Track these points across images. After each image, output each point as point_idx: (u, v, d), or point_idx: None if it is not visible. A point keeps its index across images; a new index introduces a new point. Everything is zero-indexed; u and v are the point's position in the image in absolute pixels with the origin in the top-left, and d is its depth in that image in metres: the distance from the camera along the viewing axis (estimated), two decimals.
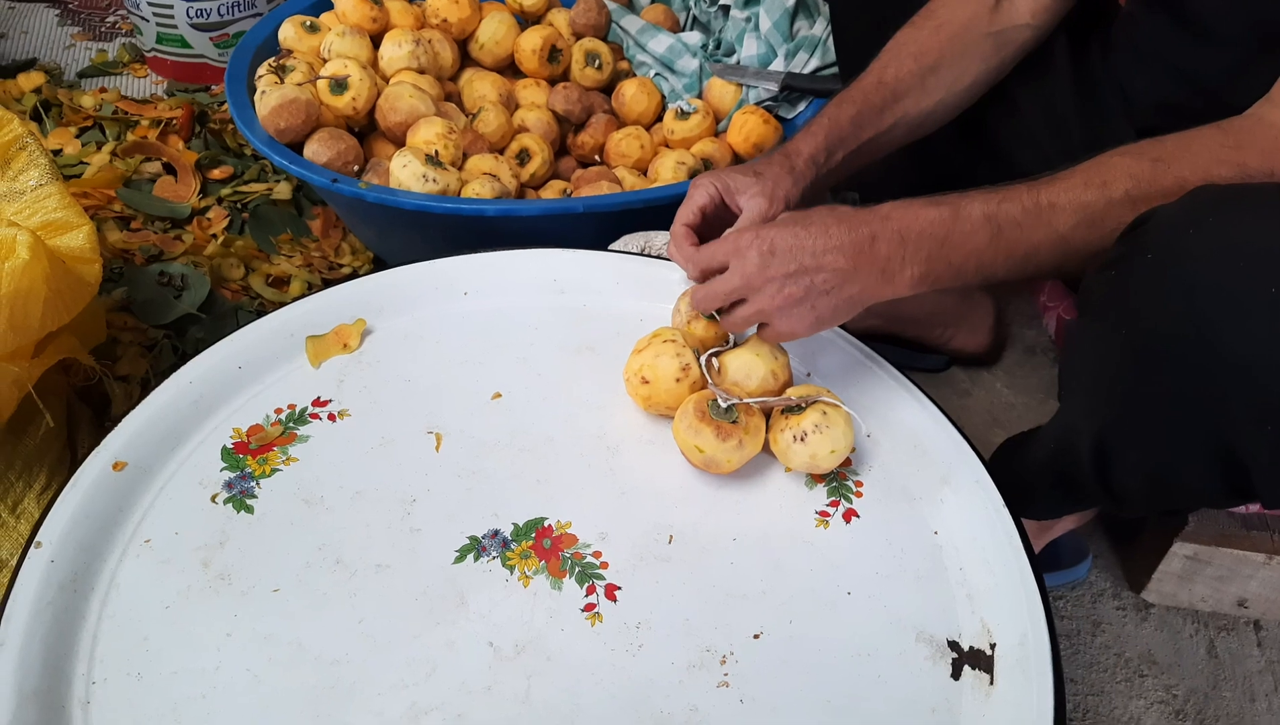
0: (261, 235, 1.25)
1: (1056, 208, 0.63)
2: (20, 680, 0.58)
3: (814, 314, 0.69)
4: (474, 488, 0.74)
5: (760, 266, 0.68)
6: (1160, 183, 0.61)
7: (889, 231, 0.66)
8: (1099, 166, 0.63)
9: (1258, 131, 0.62)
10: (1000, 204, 0.64)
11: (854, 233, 0.66)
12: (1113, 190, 0.62)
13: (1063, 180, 0.64)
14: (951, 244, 0.65)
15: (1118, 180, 0.62)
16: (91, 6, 1.85)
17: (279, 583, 0.67)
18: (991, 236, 0.64)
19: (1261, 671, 0.93)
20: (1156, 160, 0.62)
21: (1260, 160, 0.60)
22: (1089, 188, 0.63)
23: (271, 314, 0.84)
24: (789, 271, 0.67)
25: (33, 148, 0.84)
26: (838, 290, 0.68)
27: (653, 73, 1.35)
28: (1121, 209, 0.62)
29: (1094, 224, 0.62)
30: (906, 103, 0.85)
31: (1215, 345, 0.54)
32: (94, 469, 0.70)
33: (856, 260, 0.67)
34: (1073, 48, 0.90)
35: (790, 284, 0.67)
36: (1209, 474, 0.60)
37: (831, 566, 0.70)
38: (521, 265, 0.92)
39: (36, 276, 0.72)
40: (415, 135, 1.11)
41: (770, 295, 0.68)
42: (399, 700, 0.61)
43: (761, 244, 0.67)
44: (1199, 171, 0.61)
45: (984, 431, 1.11)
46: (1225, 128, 0.63)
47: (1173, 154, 0.62)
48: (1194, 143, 0.62)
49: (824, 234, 0.66)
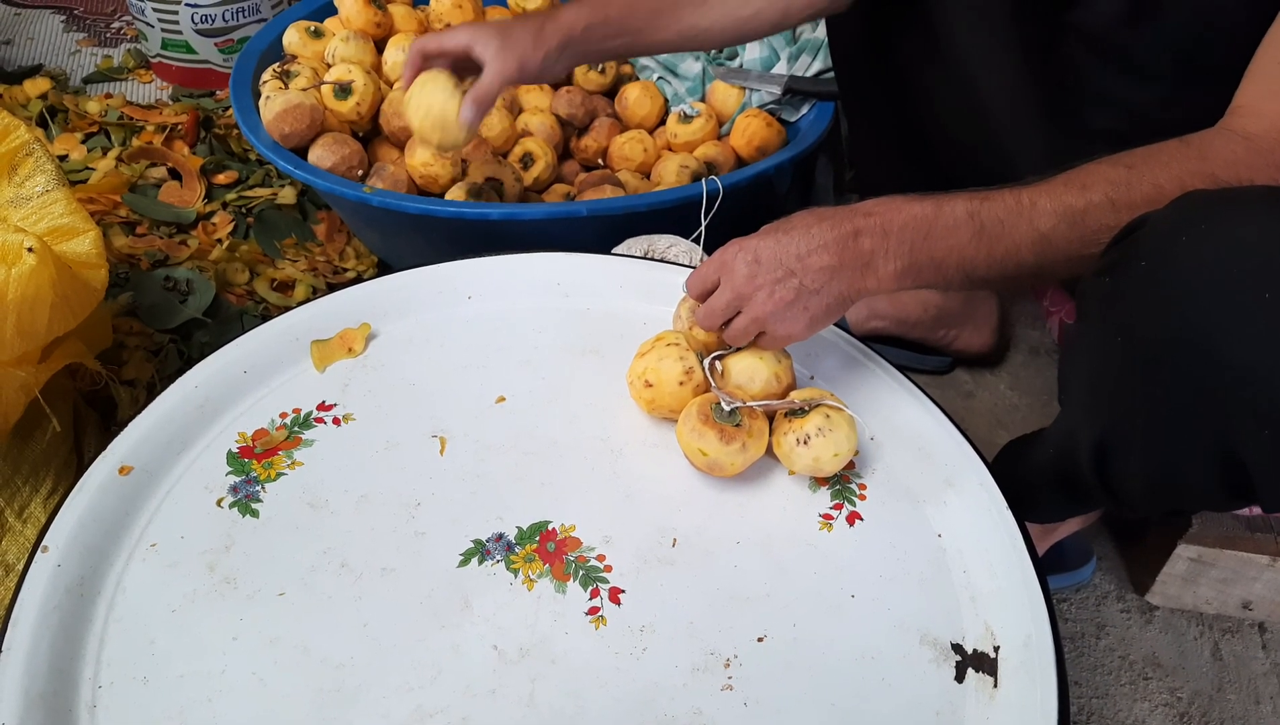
0: (266, 240, 1.26)
1: (1038, 207, 0.64)
2: (27, 684, 0.59)
3: (807, 315, 0.70)
4: (478, 491, 0.74)
5: (748, 276, 0.69)
6: (1138, 187, 0.62)
7: (872, 226, 0.67)
8: (1078, 172, 0.65)
9: (1218, 142, 0.63)
10: (983, 203, 0.65)
11: (837, 229, 0.67)
12: (1092, 193, 0.63)
13: (1044, 183, 0.65)
14: (934, 238, 0.66)
15: (1097, 184, 0.63)
16: (97, 12, 1.86)
17: (284, 586, 0.67)
18: (974, 233, 0.65)
19: (1266, 674, 0.93)
20: (1130, 167, 0.63)
21: (1227, 171, 0.62)
22: (1069, 189, 0.64)
23: (276, 318, 0.85)
24: (777, 277, 0.68)
25: (39, 153, 0.84)
26: (827, 288, 0.68)
27: (656, 76, 1.36)
28: (1101, 211, 0.62)
29: (1075, 224, 0.63)
30: (684, 12, 0.89)
31: (1211, 349, 0.54)
32: (100, 473, 0.70)
33: (841, 256, 0.67)
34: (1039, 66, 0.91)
35: (780, 288, 0.69)
36: (1209, 477, 0.60)
37: (835, 569, 0.70)
38: (525, 269, 0.92)
39: (43, 282, 0.72)
40: (413, 154, 1.11)
41: (762, 302, 0.69)
42: (404, 703, 0.61)
43: (746, 255, 0.69)
44: (1174, 179, 0.62)
45: (987, 433, 1.11)
46: (1191, 142, 0.64)
47: (1145, 163, 0.63)
48: (1163, 153, 0.64)
49: (806, 235, 0.68)
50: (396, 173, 1.12)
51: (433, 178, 1.11)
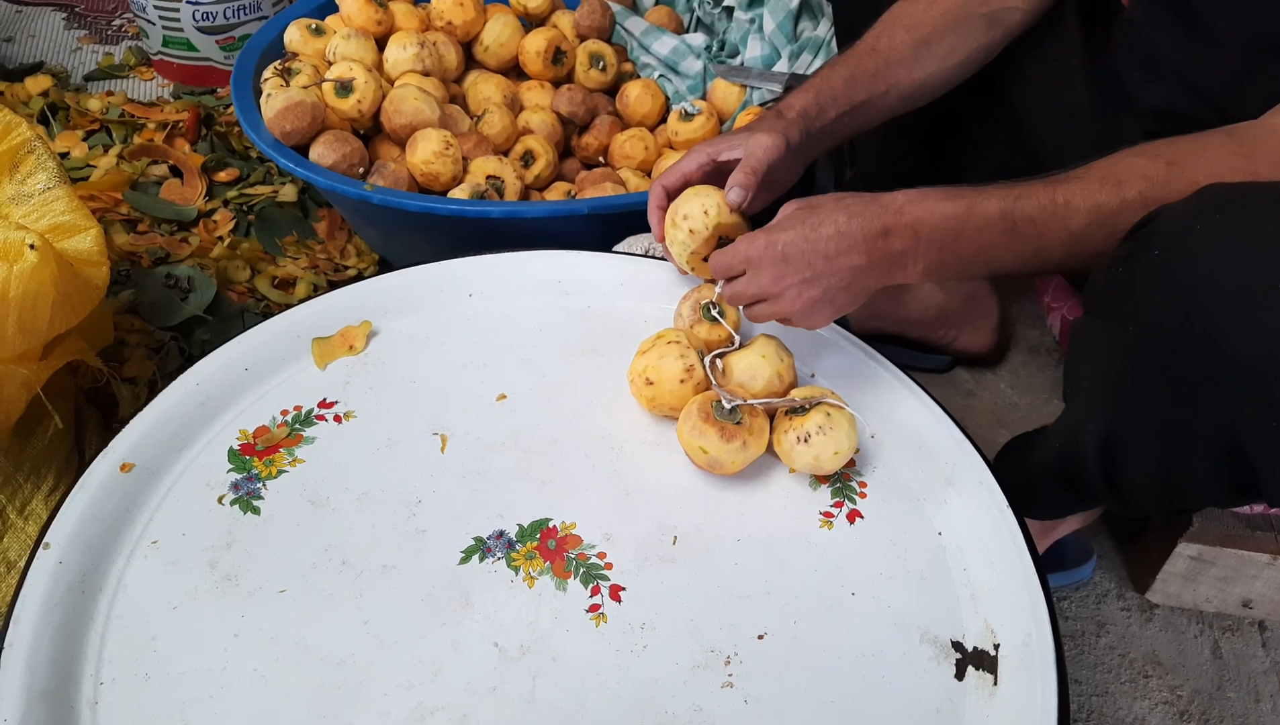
0: (267, 237, 1.26)
1: (1071, 206, 0.63)
2: (29, 681, 0.59)
3: (832, 308, 0.70)
4: (479, 489, 0.74)
5: (775, 277, 0.69)
6: (1174, 186, 0.61)
7: (903, 226, 0.66)
8: (1114, 166, 0.63)
9: (1270, 141, 0.61)
10: (1017, 201, 0.64)
11: (866, 228, 0.66)
12: (1127, 191, 0.62)
13: (1078, 179, 0.63)
14: (965, 238, 0.65)
15: (1132, 181, 0.62)
16: (98, 10, 1.86)
17: (285, 583, 0.67)
18: (1005, 232, 0.65)
19: (1266, 672, 0.93)
20: (1170, 163, 0.61)
21: (1271, 170, 0.60)
22: (1104, 188, 0.62)
23: (277, 316, 0.85)
24: (805, 277, 0.68)
25: (40, 151, 0.84)
26: (854, 285, 0.69)
27: (657, 74, 1.36)
28: (1134, 210, 0.61)
29: (1106, 224, 0.62)
30: (899, 71, 0.86)
31: (1220, 343, 0.54)
32: (102, 470, 0.70)
33: (870, 257, 0.67)
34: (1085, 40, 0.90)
35: (809, 288, 0.69)
36: (1215, 472, 0.60)
37: (835, 567, 0.71)
38: (526, 267, 0.92)
39: (45, 279, 0.72)
40: (414, 152, 1.11)
41: (790, 300, 0.70)
42: (405, 700, 0.61)
43: (773, 252, 0.68)
44: (1213, 178, 0.60)
45: (988, 432, 1.12)
46: (1238, 135, 0.62)
47: (1186, 157, 0.61)
48: (1208, 148, 0.62)
49: (836, 234, 0.67)
50: (397, 170, 1.12)
51: (434, 176, 1.11)
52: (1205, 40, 0.75)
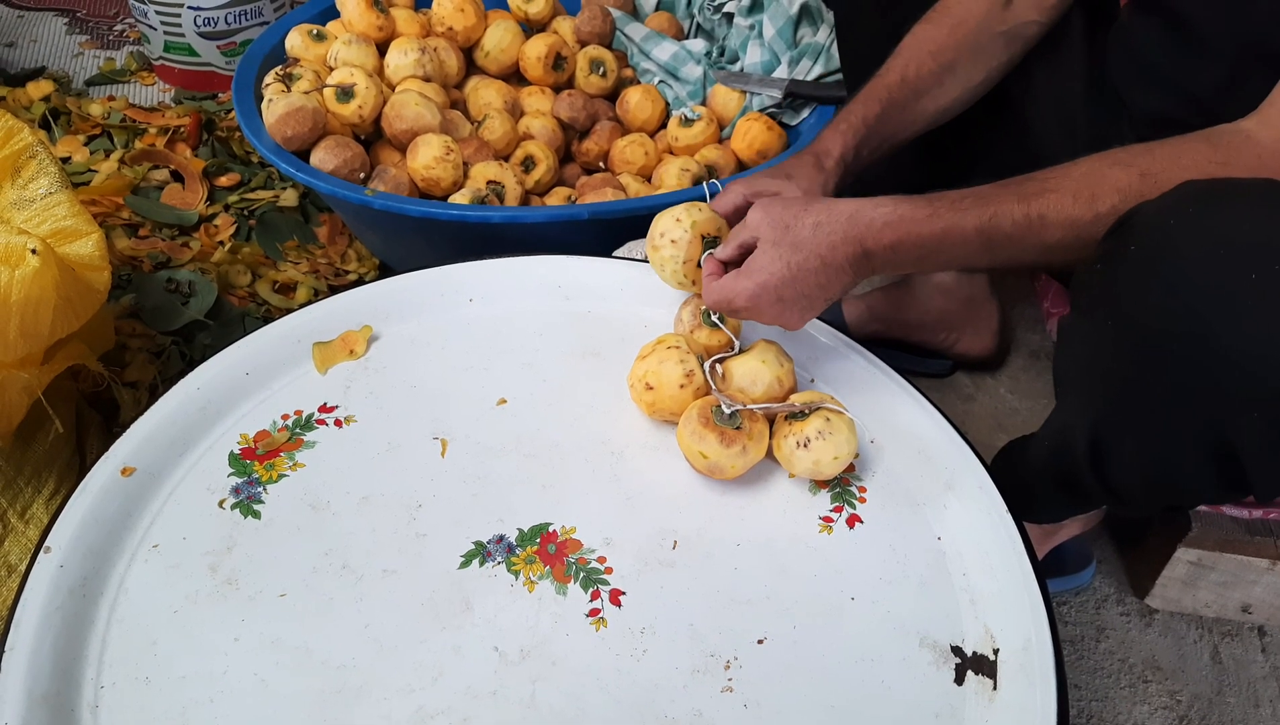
0: (268, 242, 1.26)
1: (1046, 221, 0.64)
2: (30, 684, 0.59)
3: (811, 313, 0.73)
4: (479, 493, 0.74)
5: (776, 314, 0.72)
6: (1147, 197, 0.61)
7: (883, 247, 0.68)
8: (1089, 178, 0.64)
9: (1244, 149, 0.62)
10: (993, 218, 0.65)
11: (849, 254, 0.68)
12: (1100, 205, 0.63)
13: (1054, 191, 0.64)
14: (942, 252, 0.68)
15: (1106, 195, 0.63)
16: (100, 15, 1.87)
17: (286, 588, 0.67)
18: (981, 247, 0.67)
19: (1266, 677, 0.93)
20: (1144, 174, 0.62)
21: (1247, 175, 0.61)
22: (1078, 202, 0.63)
23: (278, 320, 0.85)
24: (801, 306, 0.71)
25: (42, 156, 0.84)
26: (833, 296, 0.72)
27: (657, 80, 1.36)
28: (1107, 222, 0.63)
29: (1081, 236, 0.64)
30: (926, 100, 0.87)
31: (1202, 336, 0.54)
32: (103, 474, 0.70)
33: (856, 275, 0.70)
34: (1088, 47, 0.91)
35: (805, 312, 0.72)
36: (1203, 466, 0.60)
37: (835, 572, 0.71)
38: (526, 272, 0.92)
39: (46, 284, 0.73)
40: (415, 158, 1.12)
41: (785, 321, 0.73)
42: (405, 704, 0.61)
43: (769, 295, 0.70)
44: None
45: (988, 436, 1.12)
46: (1214, 141, 0.63)
47: (1161, 166, 0.62)
48: (1184, 156, 0.62)
49: (821, 267, 0.69)
50: (398, 176, 1.12)
51: (434, 181, 1.12)
52: (1196, 48, 0.77)
